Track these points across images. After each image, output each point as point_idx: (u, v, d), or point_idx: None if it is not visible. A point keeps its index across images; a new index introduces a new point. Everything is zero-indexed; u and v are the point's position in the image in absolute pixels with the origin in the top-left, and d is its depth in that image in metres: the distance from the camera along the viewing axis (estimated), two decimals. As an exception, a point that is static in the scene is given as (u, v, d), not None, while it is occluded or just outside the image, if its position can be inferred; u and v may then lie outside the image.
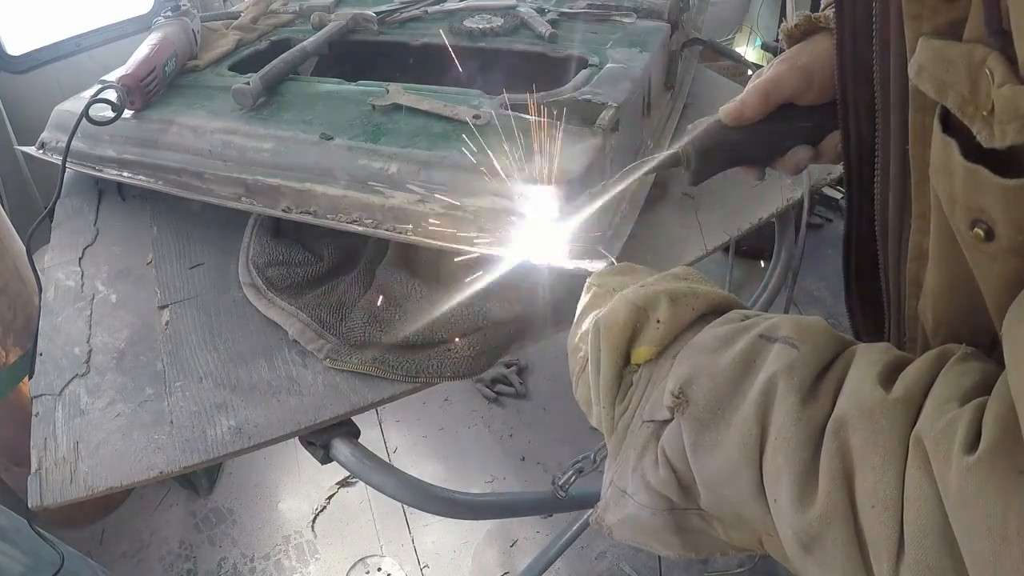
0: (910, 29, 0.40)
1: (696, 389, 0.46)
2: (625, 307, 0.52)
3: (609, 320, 0.53)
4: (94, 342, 0.95)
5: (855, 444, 0.39)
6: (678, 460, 0.47)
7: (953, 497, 0.34)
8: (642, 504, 0.49)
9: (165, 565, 1.86)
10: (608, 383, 0.53)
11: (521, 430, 2.16)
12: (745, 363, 0.46)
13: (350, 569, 1.85)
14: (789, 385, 0.42)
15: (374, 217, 0.90)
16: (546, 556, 1.66)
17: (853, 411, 0.40)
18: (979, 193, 0.36)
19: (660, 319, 0.52)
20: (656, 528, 0.49)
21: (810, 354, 0.44)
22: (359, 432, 0.86)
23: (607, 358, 0.52)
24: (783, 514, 0.41)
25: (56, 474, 0.79)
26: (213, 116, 1.04)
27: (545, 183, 0.82)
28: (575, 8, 1.29)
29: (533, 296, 0.89)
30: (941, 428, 0.36)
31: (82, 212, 1.20)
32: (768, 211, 1.05)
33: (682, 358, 0.49)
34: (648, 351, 0.52)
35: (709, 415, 0.45)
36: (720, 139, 0.66)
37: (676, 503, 0.48)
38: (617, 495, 0.51)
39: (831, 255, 2.70)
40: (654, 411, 0.49)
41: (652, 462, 0.49)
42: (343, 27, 1.25)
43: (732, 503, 0.45)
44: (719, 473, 0.45)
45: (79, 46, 2.06)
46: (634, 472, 0.50)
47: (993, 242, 0.36)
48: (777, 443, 0.42)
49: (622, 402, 0.53)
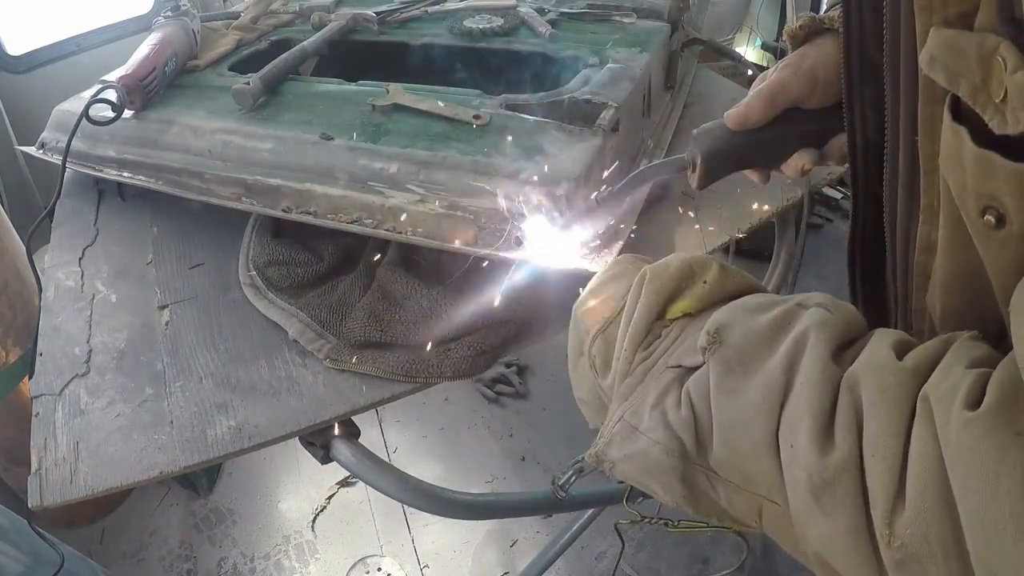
0: (920, 21, 0.41)
1: (731, 333, 0.48)
2: (677, 261, 0.54)
3: (659, 270, 0.55)
4: (94, 342, 0.95)
5: (864, 398, 0.40)
6: (701, 403, 0.48)
7: (952, 451, 0.35)
8: (656, 440, 0.49)
9: (165, 565, 1.86)
10: (639, 328, 0.53)
11: (521, 430, 2.17)
12: (780, 323, 0.47)
13: (350, 569, 1.85)
14: (820, 337, 0.44)
15: (374, 217, 0.90)
16: (546, 556, 1.66)
17: (865, 368, 0.42)
18: (990, 179, 0.36)
19: (708, 280, 0.54)
20: (664, 469, 0.49)
21: (841, 320, 0.46)
22: (359, 432, 0.86)
23: (646, 303, 0.54)
24: (799, 457, 0.42)
25: (56, 474, 0.79)
26: (213, 116, 1.04)
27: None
28: (575, 8, 1.29)
29: (533, 296, 0.89)
30: (947, 387, 0.37)
31: (82, 212, 1.20)
32: (768, 211, 1.05)
33: (722, 310, 0.51)
34: (689, 305, 0.53)
35: (739, 358, 0.47)
36: (725, 144, 0.66)
37: (689, 452, 0.48)
38: (627, 430, 0.52)
39: (831, 255, 2.70)
40: (684, 356, 0.50)
41: (675, 402, 0.49)
42: (343, 27, 1.25)
43: (744, 455, 0.46)
44: (737, 418, 0.45)
45: (79, 46, 2.06)
46: (653, 409, 0.50)
47: (1004, 228, 0.37)
48: (802, 388, 0.43)
49: (645, 350, 0.53)
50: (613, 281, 0.61)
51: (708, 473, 0.49)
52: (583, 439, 1.80)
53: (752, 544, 1.81)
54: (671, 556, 1.82)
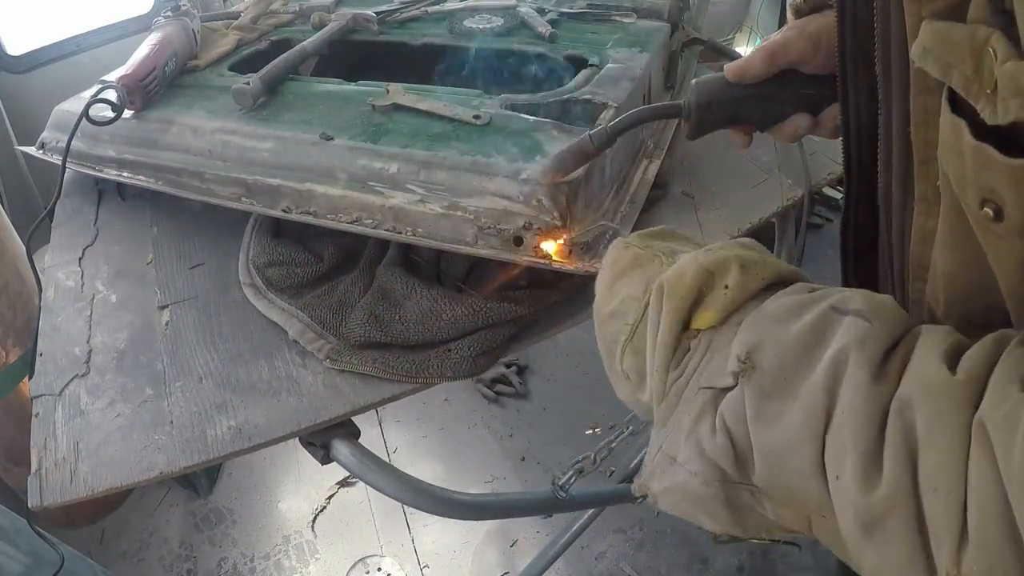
0: (910, 14, 0.41)
1: (763, 356, 0.45)
2: (693, 269, 0.51)
3: (675, 281, 0.51)
4: (94, 342, 0.95)
5: (919, 425, 0.38)
6: (737, 428, 0.45)
7: (1016, 485, 0.33)
8: (693, 472, 0.47)
9: (165, 565, 1.86)
10: (666, 346, 0.51)
11: (521, 430, 2.17)
12: (815, 334, 0.44)
13: (350, 569, 1.85)
14: (860, 358, 0.41)
15: (374, 217, 0.90)
16: (546, 556, 1.66)
17: (918, 391, 0.39)
18: (987, 172, 0.36)
19: (728, 285, 0.50)
20: (705, 499, 0.47)
21: (881, 329, 0.43)
22: (359, 432, 0.86)
23: (668, 319, 0.51)
24: (845, 492, 0.40)
25: (56, 474, 0.79)
26: (213, 116, 1.04)
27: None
28: (575, 8, 1.29)
29: (534, 296, 0.89)
30: (1004, 414, 0.35)
31: (82, 212, 1.20)
32: (768, 211, 1.05)
33: (749, 325, 0.47)
34: (712, 316, 0.50)
35: (775, 384, 0.44)
36: (722, 95, 0.66)
37: (729, 475, 0.46)
38: (666, 462, 0.50)
39: (831, 255, 2.70)
40: (714, 378, 0.48)
41: (709, 429, 0.47)
42: (343, 27, 1.25)
43: (788, 478, 0.44)
44: (780, 445, 0.43)
45: (79, 46, 2.06)
46: (688, 438, 0.48)
47: (1002, 222, 0.37)
48: (844, 417, 0.40)
49: (676, 367, 0.51)
50: (627, 275, 0.58)
51: (752, 489, 0.47)
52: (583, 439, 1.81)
53: (752, 544, 1.81)
54: (671, 556, 1.82)
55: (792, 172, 1.10)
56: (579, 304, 0.92)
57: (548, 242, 0.83)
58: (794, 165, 1.11)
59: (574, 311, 0.92)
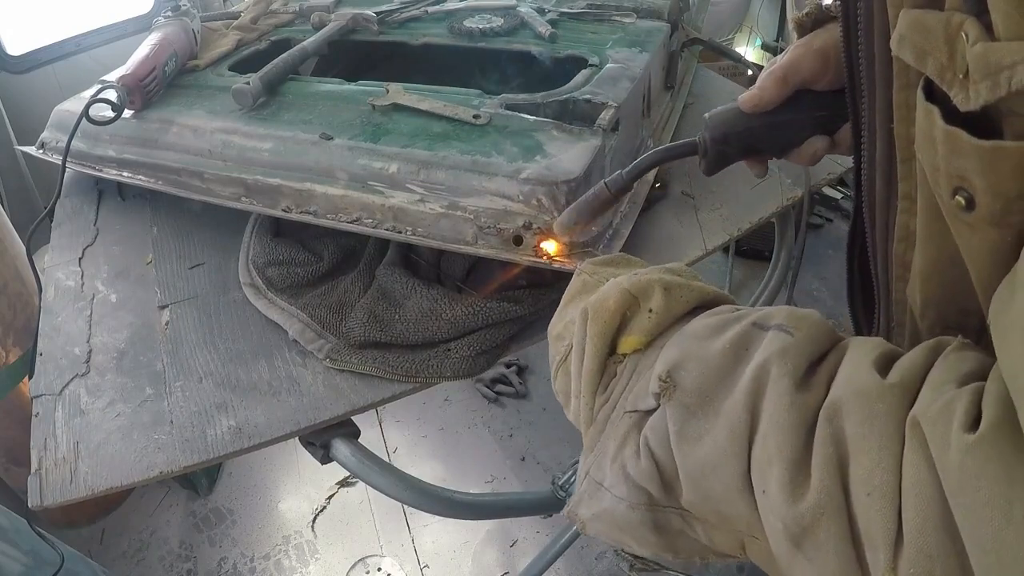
0: (892, 5, 0.40)
1: (685, 374, 0.44)
2: (617, 294, 0.51)
3: (598, 306, 0.51)
4: (94, 342, 0.95)
5: (850, 430, 0.37)
6: (661, 450, 0.45)
7: (953, 479, 0.32)
8: (619, 497, 0.47)
9: (165, 565, 1.86)
10: (591, 372, 0.51)
11: (521, 430, 2.16)
12: (737, 350, 0.44)
13: (350, 569, 1.85)
14: (783, 370, 0.41)
15: (374, 217, 0.90)
16: (546, 556, 1.66)
17: (848, 396, 0.38)
18: (958, 158, 0.36)
19: (652, 308, 0.50)
20: (633, 524, 0.47)
21: (805, 341, 0.42)
22: (359, 432, 0.86)
23: (593, 345, 0.51)
24: (773, 505, 0.39)
25: (56, 474, 0.79)
26: (213, 116, 1.04)
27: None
28: (575, 8, 1.29)
29: (534, 296, 0.89)
30: (939, 408, 0.34)
31: (82, 212, 1.20)
32: (768, 211, 1.05)
33: (671, 344, 0.47)
34: (637, 340, 0.50)
35: (697, 402, 0.44)
36: (737, 127, 0.65)
37: (656, 499, 0.46)
38: (593, 488, 0.49)
39: (831, 255, 2.70)
40: (638, 401, 0.47)
41: (633, 452, 0.46)
42: (343, 27, 1.25)
43: (716, 499, 0.43)
44: (705, 464, 0.43)
45: (79, 46, 2.06)
46: (613, 463, 0.47)
47: (973, 211, 0.36)
48: (768, 429, 0.40)
49: (603, 393, 0.51)
50: (575, 301, 0.58)
51: (681, 512, 0.46)
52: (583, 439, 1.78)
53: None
54: (671, 556, 1.82)
55: (792, 172, 1.10)
56: (579, 304, 0.92)
57: (548, 242, 0.83)
58: (794, 165, 1.11)
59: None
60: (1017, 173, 0.33)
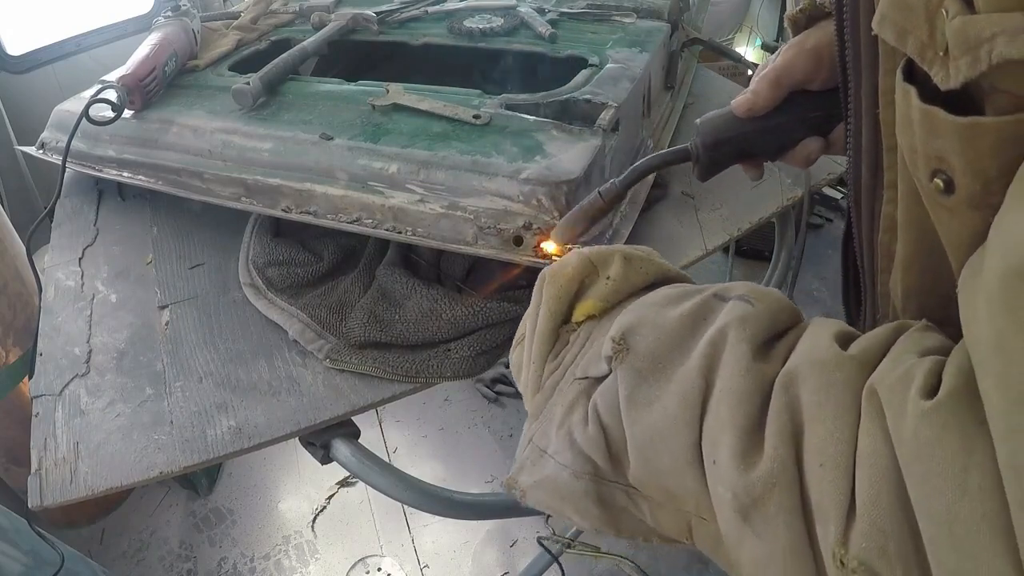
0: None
1: (639, 339, 0.43)
2: (576, 260, 0.50)
3: (556, 271, 0.51)
4: (94, 342, 0.95)
5: (805, 398, 0.36)
6: (610, 418, 0.44)
7: (907, 447, 0.31)
8: (563, 464, 0.45)
9: (165, 565, 1.86)
10: (543, 336, 0.50)
11: (521, 430, 2.16)
12: (695, 318, 0.43)
13: (350, 569, 1.85)
14: (741, 335, 0.40)
15: (374, 217, 0.90)
16: (546, 556, 1.66)
17: (805, 365, 0.37)
18: (936, 137, 0.35)
19: (611, 276, 0.49)
20: (576, 494, 0.45)
21: (765, 312, 0.41)
22: (359, 432, 0.86)
23: (547, 309, 0.50)
24: (722, 475, 0.38)
25: (56, 474, 0.79)
26: (213, 116, 1.04)
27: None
28: (575, 8, 1.29)
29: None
30: (898, 375, 0.33)
31: (82, 212, 1.20)
32: (768, 211, 1.05)
33: (628, 310, 0.46)
34: (592, 306, 0.49)
35: (650, 366, 0.42)
36: (731, 132, 0.65)
37: (602, 471, 0.44)
38: (536, 454, 0.48)
39: (831, 255, 2.70)
40: (589, 366, 0.46)
41: (581, 419, 0.45)
42: (343, 27, 1.25)
43: (664, 471, 0.41)
44: (654, 432, 0.41)
45: (79, 46, 2.06)
46: (559, 429, 0.46)
47: (953, 194, 0.35)
48: (722, 395, 0.38)
49: (554, 360, 0.50)
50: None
51: (627, 490, 0.44)
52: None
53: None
54: (671, 556, 1.82)
55: (792, 172, 1.10)
56: (579, 304, 0.92)
57: (548, 242, 0.83)
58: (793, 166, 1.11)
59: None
60: (996, 151, 0.32)
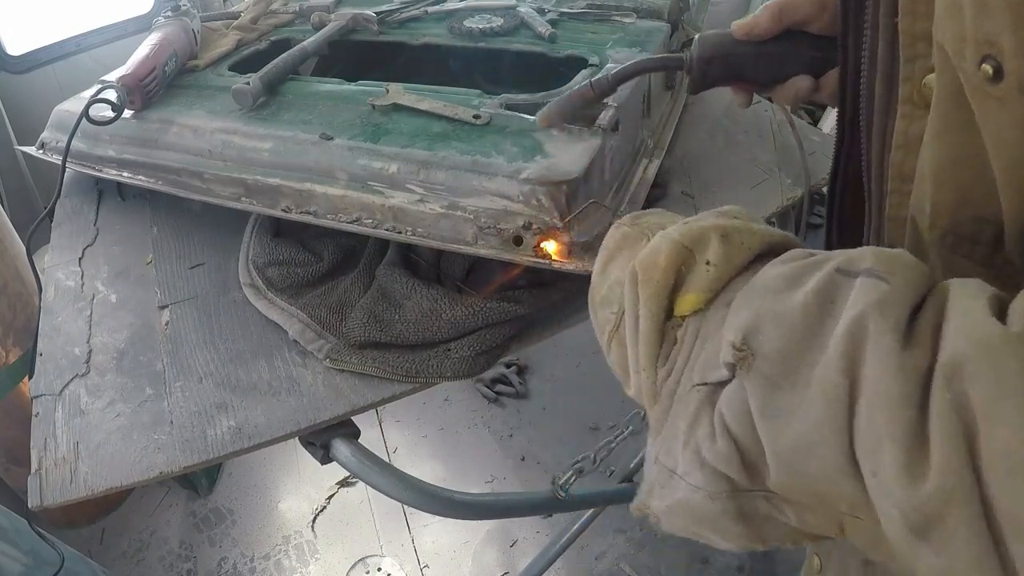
0: None
1: (763, 339, 0.38)
2: (668, 247, 0.44)
3: (648, 263, 0.45)
4: (94, 342, 0.95)
5: (975, 395, 0.31)
6: (740, 428, 0.39)
7: None
8: (695, 486, 0.41)
9: (165, 565, 1.86)
10: (649, 341, 0.45)
11: (521, 430, 2.16)
12: (821, 303, 0.37)
13: (350, 569, 1.85)
14: (883, 325, 0.34)
15: (374, 217, 0.90)
16: (546, 556, 1.66)
17: (968, 351, 0.32)
18: (987, 19, 0.34)
19: (710, 260, 0.44)
20: (713, 515, 0.41)
21: (903, 287, 0.36)
22: (359, 432, 0.86)
23: (647, 310, 0.44)
24: (887, 491, 0.33)
25: (56, 474, 0.79)
26: (213, 116, 1.04)
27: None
28: (575, 8, 1.29)
29: (534, 296, 0.89)
30: None
31: (82, 212, 1.20)
32: (768, 211, 1.05)
33: (740, 304, 0.41)
34: (696, 299, 0.44)
35: (781, 371, 0.37)
36: (726, 51, 0.68)
37: (738, 484, 0.40)
38: (664, 476, 0.43)
39: (831, 255, 2.70)
40: (706, 372, 0.41)
41: (707, 433, 0.41)
42: (343, 27, 1.25)
43: (813, 479, 0.37)
44: (798, 444, 0.36)
45: (79, 46, 2.06)
46: (685, 447, 0.42)
47: (1002, 81, 0.34)
48: (874, 399, 0.34)
49: (665, 364, 0.45)
50: (616, 257, 0.52)
51: (767, 495, 0.40)
52: (583, 439, 1.81)
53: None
54: (671, 556, 1.82)
55: (792, 172, 1.10)
56: (579, 304, 0.92)
57: (548, 242, 0.83)
58: (794, 165, 1.11)
59: (574, 311, 0.92)
60: None
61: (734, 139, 1.20)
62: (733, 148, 1.18)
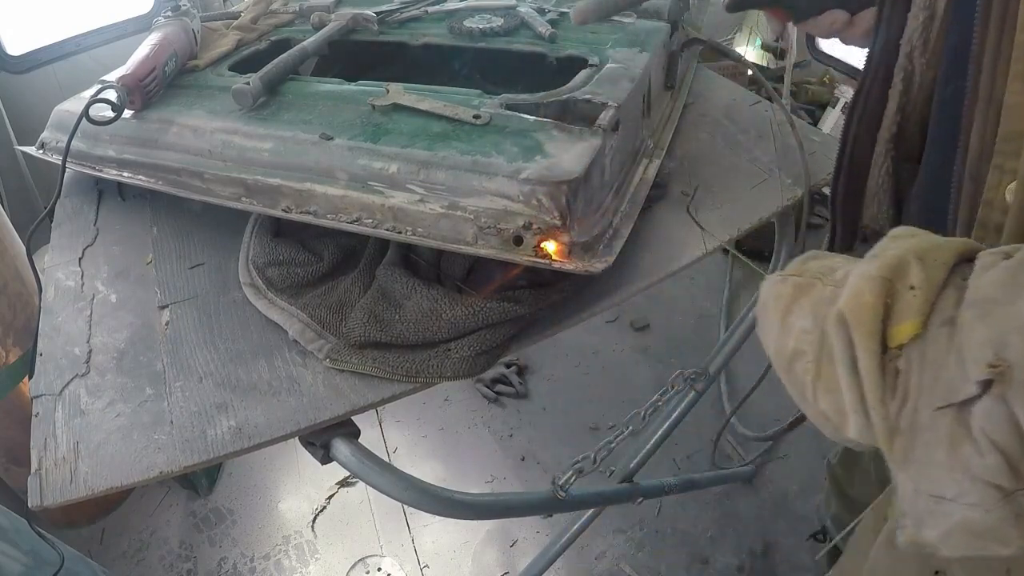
0: None
1: (1013, 351, 0.38)
2: (868, 284, 0.45)
3: (854, 304, 0.45)
4: (94, 342, 0.95)
5: None
6: (1007, 439, 0.40)
7: None
8: (972, 504, 0.42)
9: (165, 565, 1.86)
10: (874, 380, 0.45)
11: (521, 430, 2.16)
12: None
13: (350, 569, 1.85)
14: None
15: (374, 217, 0.90)
16: (546, 556, 1.66)
17: None
18: None
19: (914, 284, 0.44)
20: (992, 527, 0.42)
21: None
22: (359, 432, 0.86)
23: (864, 349, 0.45)
24: None
25: (56, 474, 0.79)
26: (213, 116, 1.04)
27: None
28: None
29: (534, 296, 0.89)
30: None
31: (82, 212, 1.20)
32: (768, 211, 1.05)
33: (971, 322, 0.41)
34: (912, 326, 0.44)
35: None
36: None
37: (1007, 488, 0.41)
38: (932, 505, 0.44)
39: (831, 255, 2.69)
40: (949, 393, 0.42)
41: (972, 452, 0.41)
42: (343, 27, 1.25)
43: None
44: None
45: (79, 46, 2.06)
46: (951, 471, 0.42)
47: None
48: None
49: (894, 397, 0.45)
50: (794, 308, 0.52)
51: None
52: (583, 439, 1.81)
53: (752, 544, 1.81)
54: (671, 556, 1.82)
55: (792, 172, 1.10)
56: (579, 304, 0.92)
57: (548, 242, 0.83)
58: (794, 165, 1.11)
59: (574, 311, 0.92)
60: None
61: (734, 139, 1.20)
62: (733, 148, 1.18)
